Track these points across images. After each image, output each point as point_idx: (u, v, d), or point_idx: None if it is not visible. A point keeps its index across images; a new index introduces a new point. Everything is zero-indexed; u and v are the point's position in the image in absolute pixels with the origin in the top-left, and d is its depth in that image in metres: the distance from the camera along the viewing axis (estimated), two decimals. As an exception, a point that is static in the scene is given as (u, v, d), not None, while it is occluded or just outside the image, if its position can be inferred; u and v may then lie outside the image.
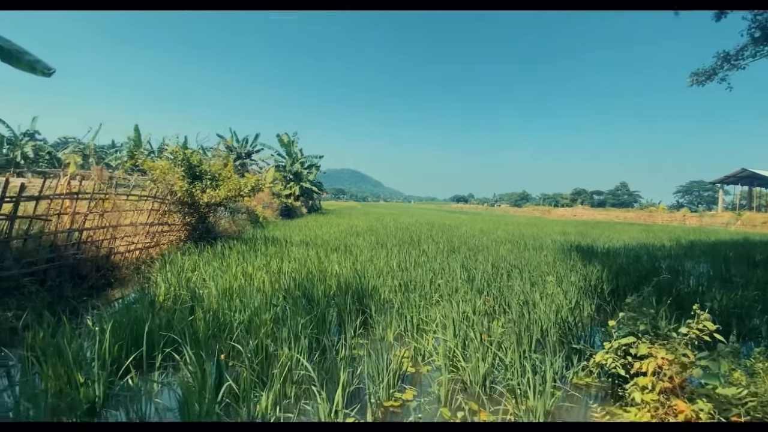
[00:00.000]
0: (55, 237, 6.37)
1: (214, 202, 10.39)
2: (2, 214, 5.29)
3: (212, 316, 4.57)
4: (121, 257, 8.05)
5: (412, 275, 7.15)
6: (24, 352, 3.46)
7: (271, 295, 5.34)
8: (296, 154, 38.77)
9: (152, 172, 9.69)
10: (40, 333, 3.96)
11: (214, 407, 2.71)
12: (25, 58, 4.91)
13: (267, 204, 23.41)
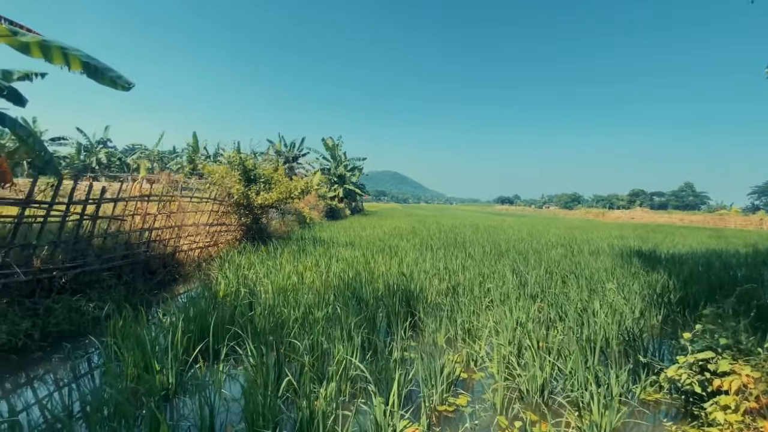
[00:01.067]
0: (129, 235, 7.00)
1: (267, 203, 10.88)
2: (87, 214, 5.88)
3: (269, 312, 4.78)
4: (184, 255, 8.66)
5: (460, 279, 7.04)
6: (109, 339, 3.82)
7: (323, 294, 5.49)
8: (340, 157, 39.63)
9: (212, 176, 10.35)
10: (120, 322, 4.37)
11: (276, 400, 2.83)
12: (108, 75, 5.43)
13: (313, 206, 24.13)
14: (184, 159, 47.78)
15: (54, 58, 5.26)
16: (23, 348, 4.26)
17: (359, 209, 48.03)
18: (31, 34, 5.18)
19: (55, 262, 5.34)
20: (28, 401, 3.43)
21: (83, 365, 4.16)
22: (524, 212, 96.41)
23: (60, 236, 5.43)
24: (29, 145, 5.64)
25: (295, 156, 39.20)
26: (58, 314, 4.91)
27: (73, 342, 4.59)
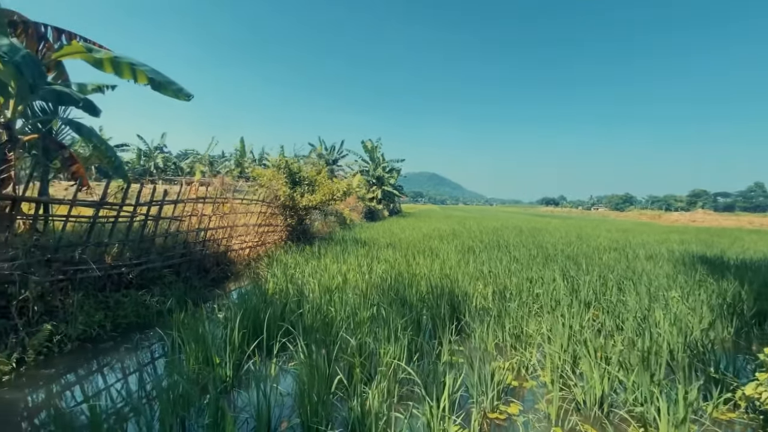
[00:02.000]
0: (186, 235, 7.46)
1: (311, 205, 11.19)
2: (151, 215, 6.34)
3: (316, 311, 4.90)
4: (235, 254, 9.10)
5: (506, 283, 6.83)
6: (174, 333, 4.08)
7: (367, 295, 5.54)
8: (378, 158, 39.92)
9: (260, 179, 10.80)
10: (181, 316, 4.67)
11: (329, 398, 2.89)
12: (171, 87, 5.84)
13: (353, 207, 24.49)
14: (232, 163, 50.41)
15: (124, 73, 5.74)
16: (97, 338, 4.67)
17: (397, 210, 48.10)
18: (104, 50, 5.68)
19: (123, 260, 5.81)
20: (101, 386, 3.75)
21: (149, 355, 4.48)
22: (570, 214, 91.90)
23: (128, 235, 5.91)
24: (101, 152, 6.19)
25: (335, 159, 40.05)
26: (126, 307, 5.33)
27: (139, 333, 4.97)
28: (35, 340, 4.07)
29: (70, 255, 4.95)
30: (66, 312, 4.61)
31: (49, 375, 3.83)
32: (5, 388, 3.49)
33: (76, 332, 4.46)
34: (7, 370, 3.70)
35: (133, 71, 5.66)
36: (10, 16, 6.00)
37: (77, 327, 4.51)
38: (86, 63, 5.82)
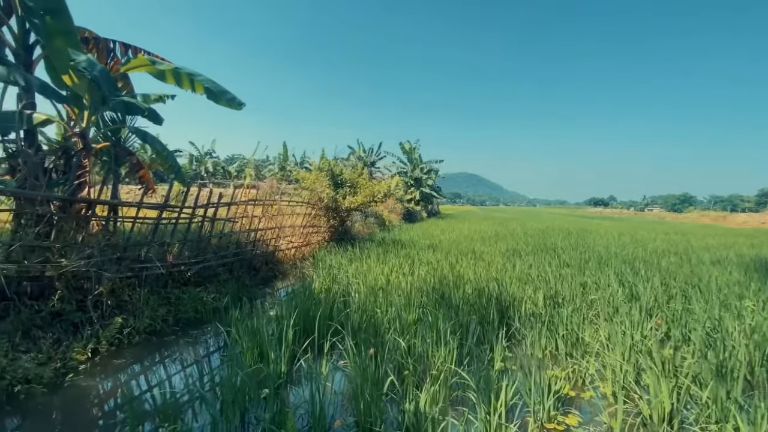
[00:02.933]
0: (238, 236, 7.82)
1: (353, 207, 11.35)
2: (207, 217, 6.70)
3: (362, 312, 4.95)
4: (282, 254, 9.41)
5: (557, 288, 6.53)
6: (233, 330, 4.28)
7: (412, 297, 5.51)
8: (416, 160, 39.78)
9: (304, 181, 11.12)
10: (236, 313, 4.89)
11: (382, 398, 2.89)
12: (224, 97, 6.15)
13: (391, 208, 24.56)
14: (275, 166, 52.42)
15: (183, 84, 6.12)
16: (160, 331, 5.00)
17: (435, 212, 47.64)
18: (166, 63, 6.10)
19: (183, 258, 6.19)
20: (165, 376, 4.01)
21: (209, 349, 4.73)
22: (622, 215, 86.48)
23: (187, 235, 6.29)
24: (163, 157, 6.64)
25: (373, 161, 40.37)
26: (186, 303, 5.67)
27: (197, 328, 5.27)
28: (107, 332, 4.42)
29: (137, 253, 5.35)
30: (134, 306, 4.98)
31: (119, 364, 4.15)
32: (81, 376, 3.82)
33: (143, 325, 4.81)
34: (83, 359, 4.05)
35: (192, 81, 6.02)
36: (82, 33, 6.59)
37: (144, 320, 4.87)
38: (149, 75, 6.30)
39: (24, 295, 4.17)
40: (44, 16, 5.17)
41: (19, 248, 4.11)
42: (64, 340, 4.09)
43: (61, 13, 5.17)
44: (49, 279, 4.34)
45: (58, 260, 4.31)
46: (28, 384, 3.45)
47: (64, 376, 3.71)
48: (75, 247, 4.49)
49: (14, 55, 5.92)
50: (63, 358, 3.88)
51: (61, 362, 3.81)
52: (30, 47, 5.91)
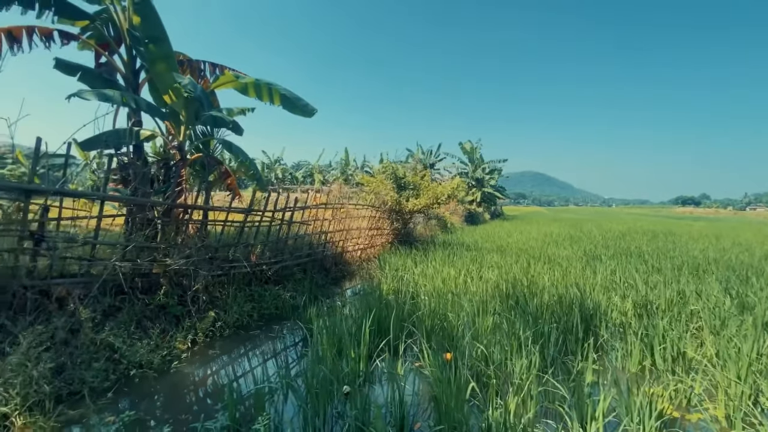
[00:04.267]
0: (311, 237, 8.21)
1: (416, 209, 11.35)
2: (285, 220, 7.13)
3: (433, 315, 4.90)
4: (349, 255, 9.70)
5: (649, 296, 5.92)
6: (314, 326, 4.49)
7: (486, 301, 5.34)
8: (478, 160, 38.69)
9: (368, 185, 11.37)
10: (313, 311, 5.12)
11: (463, 405, 2.83)
12: (299, 104, 6.50)
13: (453, 210, 24.13)
14: (337, 171, 54.37)
15: (263, 96, 6.58)
16: (246, 326, 5.41)
17: (498, 213, 45.88)
18: (248, 77, 6.60)
19: (264, 258, 6.64)
20: (252, 366, 4.31)
21: (290, 343, 5.01)
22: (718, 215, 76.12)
23: (268, 237, 6.74)
24: (246, 166, 7.21)
25: (432, 162, 40.02)
26: (267, 300, 6.07)
27: (278, 323, 5.61)
28: (203, 325, 4.89)
29: (226, 254, 5.85)
30: (224, 302, 5.45)
31: (213, 354, 4.56)
32: (183, 363, 4.25)
33: (232, 319, 5.24)
34: (184, 349, 4.51)
35: (270, 92, 6.46)
36: (177, 56, 7.39)
37: (233, 315, 5.30)
38: (233, 89, 6.87)
39: (136, 289, 4.76)
40: (148, 44, 5.88)
41: (132, 248, 4.71)
42: (169, 330, 4.59)
43: (163, 41, 5.85)
44: (155, 276, 4.91)
45: (163, 259, 4.86)
46: (141, 369, 3.93)
47: (170, 363, 4.16)
48: (176, 247, 5.03)
49: (124, 79, 6.81)
50: (168, 346, 4.36)
51: (167, 350, 4.28)
52: (137, 72, 6.76)
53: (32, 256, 4.04)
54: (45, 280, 4.06)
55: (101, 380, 3.63)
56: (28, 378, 3.15)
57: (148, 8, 5.60)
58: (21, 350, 3.30)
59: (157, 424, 3.08)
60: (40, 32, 6.14)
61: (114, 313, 4.43)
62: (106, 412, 3.22)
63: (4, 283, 3.78)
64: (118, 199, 4.74)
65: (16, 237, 3.94)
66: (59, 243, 4.12)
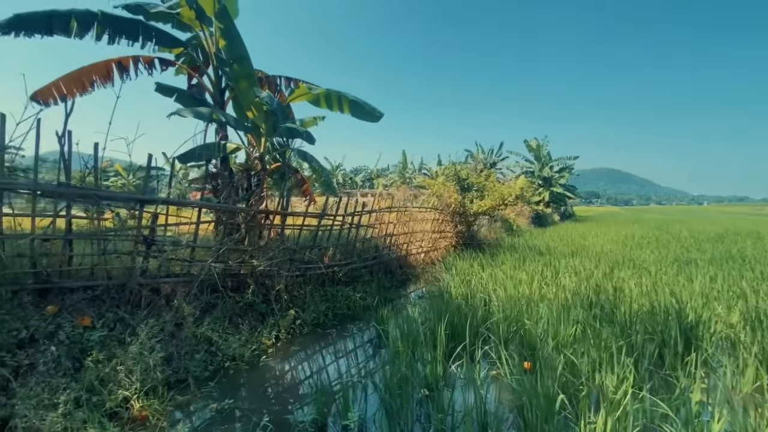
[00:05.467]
0: (377, 240, 8.40)
1: (481, 211, 11.05)
2: (354, 223, 7.37)
3: (509, 322, 4.74)
4: (413, 258, 9.74)
5: (763, 307, 5.16)
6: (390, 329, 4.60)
7: (567, 308, 5.04)
8: (545, 157, 36.60)
9: (431, 188, 11.32)
10: (384, 312, 5.23)
11: (553, 418, 2.70)
12: (366, 108, 6.70)
13: (518, 212, 23.09)
14: (395, 174, 54.89)
15: (333, 106, 6.89)
16: (323, 324, 5.68)
17: (569, 214, 42.99)
18: (320, 88, 6.96)
19: (335, 260, 6.93)
20: (329, 362, 4.51)
21: (362, 342, 5.18)
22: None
23: (339, 240, 7.03)
24: (318, 173, 7.59)
25: (493, 162, 38.63)
26: (339, 300, 6.32)
27: (351, 323, 5.82)
28: (284, 322, 5.22)
29: (303, 256, 6.20)
30: (302, 301, 5.79)
31: (295, 350, 4.85)
32: (270, 358, 4.57)
33: (310, 318, 5.55)
34: (269, 344, 4.85)
35: (340, 102, 6.74)
36: (256, 73, 8.02)
37: (311, 314, 5.61)
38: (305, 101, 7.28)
39: (227, 288, 5.24)
40: (233, 64, 6.44)
41: (224, 251, 5.19)
42: (257, 327, 4.98)
43: (245, 60, 6.38)
44: (243, 276, 5.36)
45: (250, 261, 5.29)
46: (234, 361, 4.31)
47: (259, 357, 4.51)
48: (261, 250, 5.44)
49: (212, 98, 7.53)
50: (256, 341, 4.73)
51: (255, 345, 4.64)
52: (222, 90, 7.45)
53: (144, 258, 4.63)
54: (155, 278, 4.64)
55: (202, 370, 4.04)
56: (145, 366, 3.62)
57: (233, 32, 6.15)
58: (139, 340, 3.79)
59: (253, 413, 3.36)
60: (144, 60, 7.04)
61: (210, 309, 4.91)
62: (209, 399, 3.58)
63: (124, 281, 4.39)
64: (213, 206, 5.27)
65: (132, 241, 4.55)
66: (167, 246, 4.68)
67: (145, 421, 3.22)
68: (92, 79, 6.46)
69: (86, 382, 3.29)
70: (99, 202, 4.11)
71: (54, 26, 5.67)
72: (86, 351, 3.62)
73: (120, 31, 6.21)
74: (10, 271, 3.80)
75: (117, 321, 4.08)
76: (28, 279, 3.91)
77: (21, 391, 3.02)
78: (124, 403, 3.30)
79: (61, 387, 3.16)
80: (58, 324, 3.72)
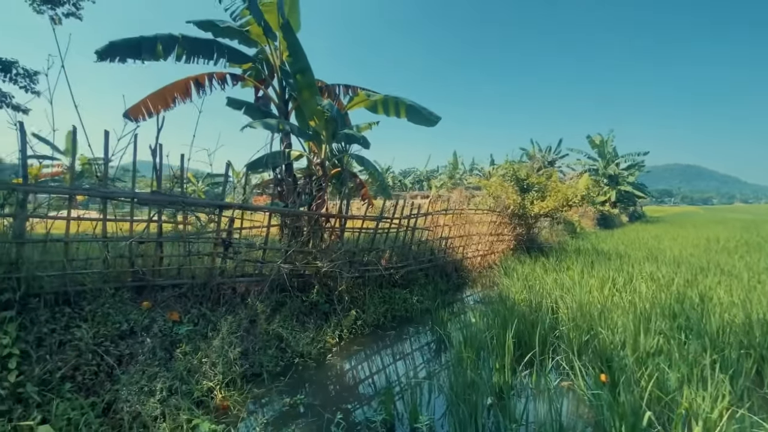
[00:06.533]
0: (432, 243, 8.34)
1: (543, 212, 10.55)
2: (410, 226, 7.40)
3: (580, 330, 4.48)
4: (469, 262, 9.54)
5: None
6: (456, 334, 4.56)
7: (646, 318, 4.65)
8: (610, 154, 34.05)
9: (487, 189, 11.02)
10: (444, 315, 5.17)
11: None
12: (423, 113, 6.71)
13: (582, 213, 21.70)
14: (445, 176, 54.10)
15: (390, 111, 6.98)
16: (383, 325, 5.76)
17: (639, 215, 39.60)
18: (378, 94, 7.09)
19: (392, 263, 7.00)
20: (389, 363, 4.56)
21: (422, 345, 5.18)
22: None
23: (395, 243, 7.10)
24: (374, 177, 7.72)
25: (552, 160, 36.64)
26: (397, 303, 6.37)
27: (410, 325, 5.84)
28: (346, 322, 5.37)
29: (362, 258, 6.34)
30: (362, 302, 5.92)
31: (358, 349, 4.97)
32: (334, 356, 4.73)
33: (370, 319, 5.66)
34: (333, 343, 5.02)
35: (397, 107, 6.82)
36: (317, 83, 8.37)
37: (371, 315, 5.73)
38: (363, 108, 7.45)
39: (294, 288, 5.50)
40: (296, 75, 6.77)
41: (291, 252, 5.46)
42: (322, 325, 5.18)
43: (308, 71, 6.68)
44: (308, 276, 5.60)
45: (314, 262, 5.52)
46: (302, 358, 4.51)
47: (325, 355, 4.68)
48: (324, 252, 5.66)
49: (277, 108, 7.97)
50: (321, 340, 4.91)
51: (321, 343, 4.83)
52: (286, 101, 7.86)
53: (222, 259, 5.02)
54: (232, 278, 5.00)
55: (274, 365, 4.28)
56: (226, 359, 3.91)
57: (296, 45, 6.48)
58: (220, 335, 4.11)
59: (324, 409, 3.49)
60: (217, 77, 7.65)
61: (279, 308, 5.19)
62: (282, 393, 3.79)
63: (205, 279, 4.79)
64: (282, 211, 5.57)
65: (212, 243, 4.94)
66: (242, 248, 5.04)
67: (226, 410, 3.47)
68: (174, 96, 7.14)
69: (177, 372, 3.63)
70: (185, 208, 4.52)
71: (143, 51, 6.35)
72: (175, 343, 4.00)
73: (197, 51, 6.80)
74: (113, 270, 4.30)
75: (200, 317, 4.46)
76: (127, 277, 4.41)
77: (123, 378, 3.41)
78: (208, 393, 3.60)
79: (156, 375, 3.52)
80: (153, 318, 4.15)
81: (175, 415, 3.16)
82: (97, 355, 3.50)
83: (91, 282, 4.02)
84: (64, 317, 3.67)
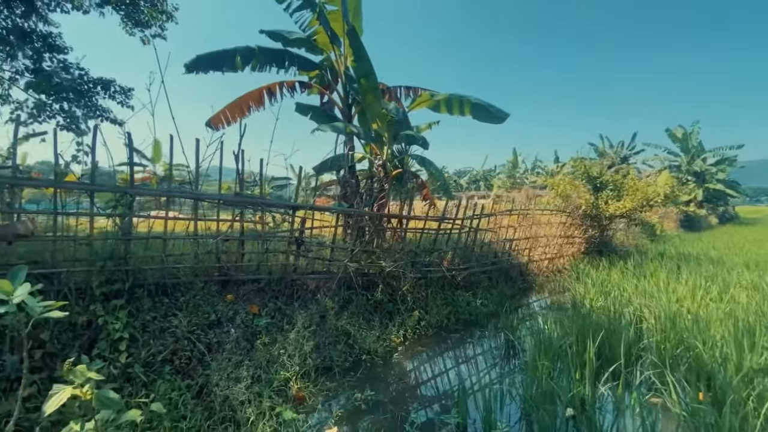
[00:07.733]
0: (496, 245, 8.09)
1: (619, 213, 9.74)
2: (472, 227, 7.25)
3: (667, 341, 4.08)
4: (535, 265, 9.10)
5: None
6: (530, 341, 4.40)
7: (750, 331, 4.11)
8: (695, 148, 30.47)
9: (556, 188, 10.40)
10: (513, 319, 4.98)
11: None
12: (490, 110, 6.53)
13: (663, 213, 19.67)
14: (503, 175, 51.93)
15: (453, 110, 6.89)
16: (446, 327, 5.70)
17: (731, 216, 35.04)
18: (441, 94, 7.04)
19: (454, 264, 6.89)
20: (454, 367, 4.49)
21: (486, 349, 5.05)
22: None
23: (457, 244, 6.99)
24: (435, 177, 7.68)
25: (624, 156, 33.59)
26: (460, 305, 6.27)
27: (474, 329, 5.72)
28: (410, 322, 5.40)
29: (424, 258, 6.34)
30: (425, 303, 5.91)
31: (422, 350, 4.98)
32: (400, 355, 4.78)
33: (434, 320, 5.64)
34: (398, 342, 5.07)
35: (461, 106, 6.72)
36: (380, 86, 8.52)
37: (434, 316, 5.70)
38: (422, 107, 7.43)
39: (359, 286, 5.65)
40: (360, 79, 6.94)
41: (357, 252, 5.62)
42: (387, 324, 5.26)
43: (371, 75, 6.81)
44: (372, 276, 5.72)
45: (378, 262, 5.62)
46: (369, 355, 4.61)
47: (390, 353, 4.75)
48: (387, 252, 5.74)
49: (341, 112, 8.24)
50: (386, 338, 4.99)
51: (386, 342, 4.91)
52: (350, 105, 8.10)
53: (296, 256, 5.30)
54: (304, 275, 5.26)
55: (343, 360, 4.43)
56: (301, 351, 4.12)
57: (360, 50, 6.65)
58: (295, 329, 4.34)
59: (395, 407, 3.54)
60: (287, 85, 8.10)
61: (346, 305, 5.36)
62: (353, 388, 3.90)
63: (281, 275, 5.09)
64: (348, 211, 5.77)
65: (286, 241, 5.24)
66: (313, 246, 5.29)
67: (302, 401, 3.66)
68: (249, 104, 7.69)
69: (259, 361, 3.90)
70: (264, 209, 4.85)
71: (224, 63, 6.93)
72: (255, 334, 4.29)
73: (271, 60, 7.27)
74: (202, 265, 4.74)
75: (276, 310, 4.75)
76: (214, 272, 4.82)
77: (213, 364, 3.73)
78: (285, 383, 3.81)
79: (241, 363, 3.82)
80: (236, 310, 4.50)
81: (259, 401, 3.39)
82: (191, 342, 3.87)
83: (184, 275, 4.45)
84: (163, 306, 4.11)
